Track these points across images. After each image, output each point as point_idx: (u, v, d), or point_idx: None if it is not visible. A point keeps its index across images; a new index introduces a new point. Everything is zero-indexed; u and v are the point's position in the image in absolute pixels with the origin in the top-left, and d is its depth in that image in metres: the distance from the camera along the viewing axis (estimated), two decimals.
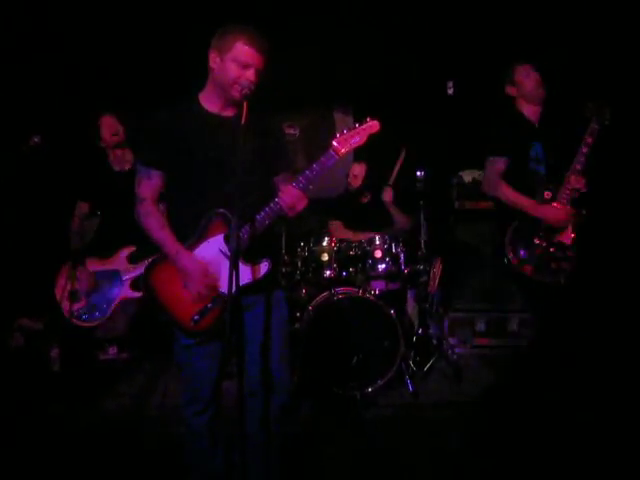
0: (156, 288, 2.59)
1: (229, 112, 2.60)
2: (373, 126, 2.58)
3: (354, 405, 4.18)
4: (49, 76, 5.29)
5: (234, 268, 2.23)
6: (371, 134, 2.58)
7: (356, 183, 5.36)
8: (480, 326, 5.39)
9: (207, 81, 2.62)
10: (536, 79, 3.63)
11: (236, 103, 2.53)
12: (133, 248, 4.05)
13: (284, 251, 4.96)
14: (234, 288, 2.22)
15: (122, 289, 4.03)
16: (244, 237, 2.49)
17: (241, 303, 2.60)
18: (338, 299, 4.41)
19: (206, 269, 2.53)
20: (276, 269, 2.87)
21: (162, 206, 2.70)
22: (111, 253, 4.11)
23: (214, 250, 2.54)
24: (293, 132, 6.76)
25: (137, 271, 3.90)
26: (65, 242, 4.30)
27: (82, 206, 4.32)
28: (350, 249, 4.71)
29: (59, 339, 4.66)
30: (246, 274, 2.54)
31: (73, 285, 3.94)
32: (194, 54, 2.68)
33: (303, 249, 4.79)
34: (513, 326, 5.25)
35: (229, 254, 2.34)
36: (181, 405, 2.74)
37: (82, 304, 4.01)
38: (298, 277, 4.82)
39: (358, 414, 4.08)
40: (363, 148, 2.63)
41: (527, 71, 3.65)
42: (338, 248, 4.69)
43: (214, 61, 2.54)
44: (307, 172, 2.50)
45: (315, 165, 2.50)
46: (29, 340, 4.96)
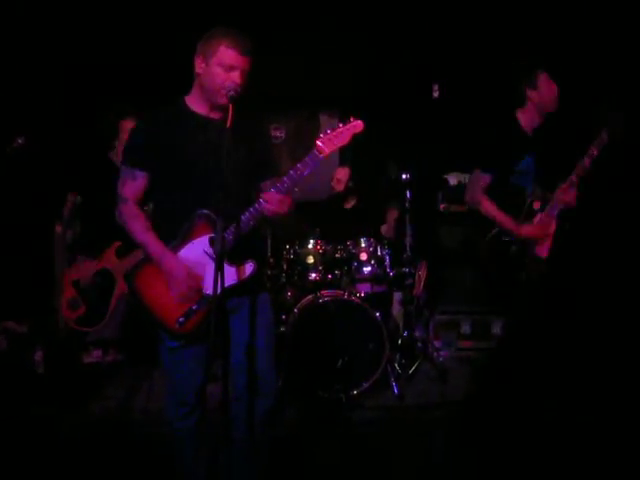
0: (141, 290, 2.58)
1: (216, 115, 2.60)
2: (357, 126, 2.57)
3: (339, 408, 4.18)
4: (35, 76, 5.27)
5: (219, 270, 2.22)
6: (355, 134, 2.57)
7: (340, 187, 5.31)
8: (465, 329, 5.41)
9: (193, 86, 2.61)
10: (556, 91, 3.60)
11: (223, 106, 2.52)
12: (119, 243, 4.06)
13: (270, 253, 4.95)
14: (219, 290, 2.22)
15: (117, 285, 4.05)
16: (229, 238, 2.47)
17: (226, 305, 2.59)
18: (324, 302, 4.41)
19: (190, 271, 2.51)
20: (261, 271, 2.87)
21: (147, 208, 2.69)
22: (100, 253, 4.11)
23: (198, 252, 2.53)
24: (279, 134, 6.76)
25: (127, 264, 3.91)
26: (50, 245, 4.29)
27: (72, 195, 4.32)
28: (336, 252, 4.72)
29: (43, 342, 4.63)
30: (231, 275, 2.52)
31: (68, 292, 3.99)
32: (185, 59, 2.67)
33: (289, 252, 4.79)
34: (497, 329, 5.27)
35: (214, 256, 2.33)
36: (166, 408, 2.72)
37: (82, 310, 4.03)
38: (284, 280, 4.82)
39: (343, 417, 4.08)
40: (348, 151, 2.63)
41: (549, 80, 3.60)
42: (324, 251, 4.70)
43: (200, 67, 2.54)
44: (291, 172, 2.50)
45: (300, 165, 2.49)
46: (13, 343, 4.92)
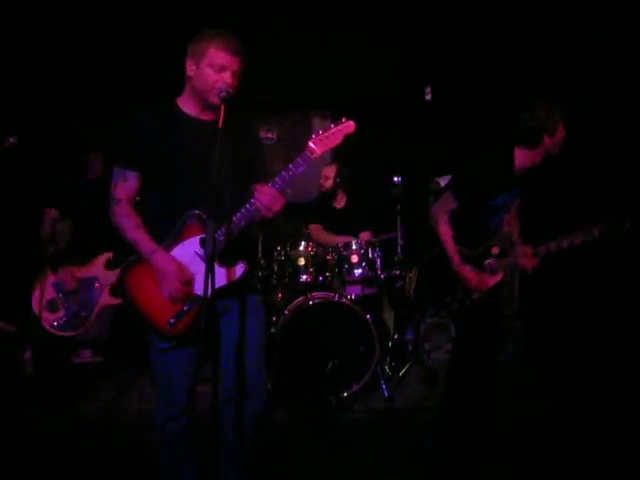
0: (132, 291, 2.56)
1: (207, 116, 2.59)
2: (349, 126, 2.57)
3: (330, 410, 4.18)
4: (26, 77, 5.24)
5: (209, 271, 2.21)
6: (347, 134, 2.56)
7: (327, 185, 5.29)
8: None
9: (185, 88, 2.61)
10: (564, 136, 3.32)
11: (215, 107, 2.51)
12: (111, 254, 4.02)
13: (260, 255, 4.94)
14: (210, 291, 2.21)
15: (101, 296, 4.00)
16: (220, 239, 2.47)
17: (217, 307, 2.59)
18: (314, 304, 4.41)
19: (182, 269, 2.50)
20: (252, 272, 2.86)
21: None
22: (88, 260, 4.08)
23: (189, 252, 2.52)
24: (270, 136, 6.76)
25: (115, 277, 3.89)
26: (38, 245, 4.26)
27: (50, 211, 4.29)
28: (327, 254, 4.71)
29: (32, 341, 4.60)
30: (221, 276, 2.52)
31: (49, 293, 3.93)
32: (178, 61, 2.66)
33: (280, 253, 4.78)
34: None
35: (204, 257, 2.33)
36: (156, 410, 2.71)
37: (61, 314, 3.97)
38: (274, 281, 4.81)
39: (334, 419, 4.08)
40: (338, 150, 2.63)
41: (563, 128, 3.26)
42: (315, 253, 4.69)
43: (191, 69, 2.53)
44: (283, 173, 2.49)
45: (291, 166, 2.49)
46: (1, 342, 4.89)
